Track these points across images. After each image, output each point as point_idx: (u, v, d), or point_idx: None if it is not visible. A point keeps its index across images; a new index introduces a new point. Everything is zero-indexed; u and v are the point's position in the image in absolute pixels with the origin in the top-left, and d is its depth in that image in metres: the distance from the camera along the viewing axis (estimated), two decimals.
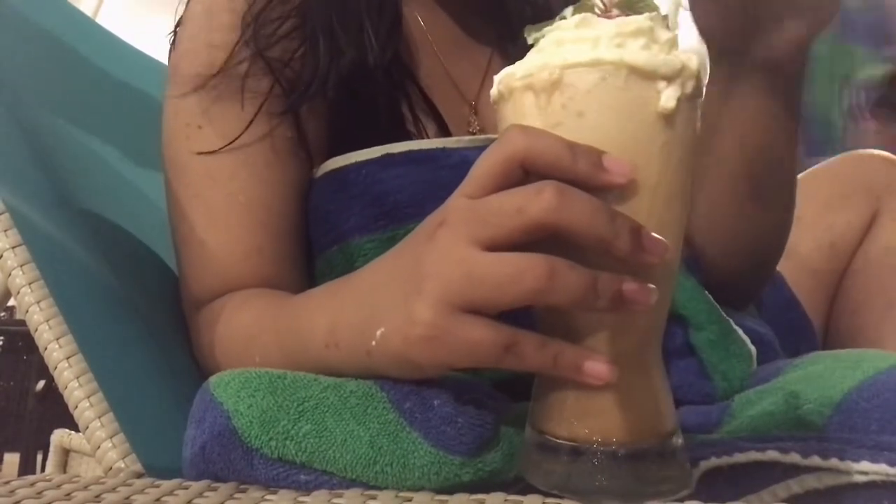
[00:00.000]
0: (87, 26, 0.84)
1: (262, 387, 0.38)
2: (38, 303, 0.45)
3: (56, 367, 0.44)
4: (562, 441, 0.34)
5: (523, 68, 0.34)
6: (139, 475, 0.42)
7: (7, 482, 0.35)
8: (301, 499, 0.34)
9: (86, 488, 0.35)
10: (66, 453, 0.91)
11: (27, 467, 2.28)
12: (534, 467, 0.35)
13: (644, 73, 0.32)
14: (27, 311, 0.45)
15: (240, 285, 0.55)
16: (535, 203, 0.31)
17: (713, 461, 0.38)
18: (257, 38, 0.56)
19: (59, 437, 0.91)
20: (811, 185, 0.81)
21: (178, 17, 0.60)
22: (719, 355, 0.52)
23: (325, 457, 0.36)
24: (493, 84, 0.36)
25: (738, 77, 0.53)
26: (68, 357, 0.44)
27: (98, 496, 0.34)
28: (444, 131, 0.60)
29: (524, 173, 0.33)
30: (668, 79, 0.32)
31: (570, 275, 0.31)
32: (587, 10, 0.34)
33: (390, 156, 0.54)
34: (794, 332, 0.67)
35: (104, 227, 0.62)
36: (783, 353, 0.58)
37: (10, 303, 0.50)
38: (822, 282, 0.80)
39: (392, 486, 0.36)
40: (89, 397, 0.44)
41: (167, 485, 0.36)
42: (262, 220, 0.56)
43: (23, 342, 2.63)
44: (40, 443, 2.21)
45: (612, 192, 0.33)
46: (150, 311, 0.57)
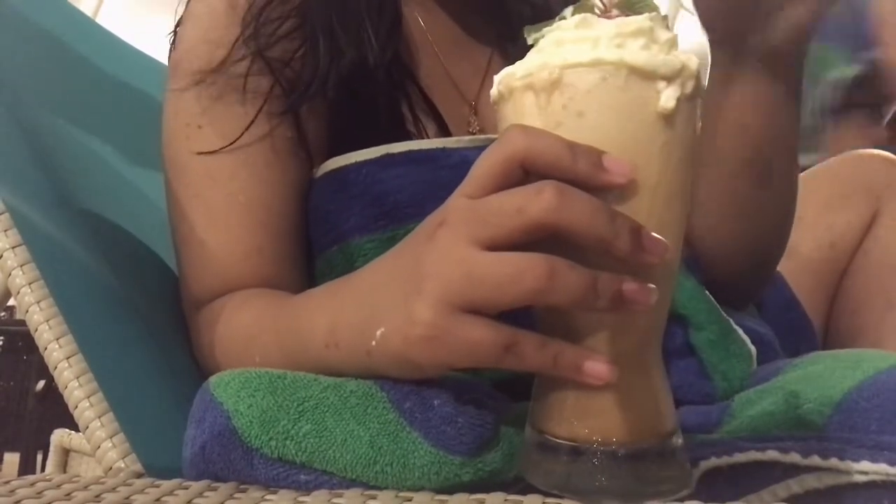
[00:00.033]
0: (87, 26, 0.84)
1: (262, 387, 0.38)
2: (38, 303, 0.45)
3: (56, 367, 0.44)
4: (562, 441, 0.34)
5: (523, 68, 0.34)
6: (139, 475, 0.42)
7: (7, 482, 0.35)
8: (301, 499, 0.34)
9: (86, 488, 0.35)
10: (66, 453, 0.91)
11: (27, 467, 2.28)
12: (534, 467, 0.35)
13: (644, 74, 0.32)
14: (27, 311, 0.45)
15: (240, 285, 0.55)
16: (535, 203, 0.31)
17: (713, 461, 0.38)
18: (257, 38, 0.56)
19: (59, 437, 0.91)
20: (811, 185, 0.81)
21: (178, 16, 0.60)
22: (719, 355, 0.52)
23: (325, 457, 0.36)
24: (493, 84, 0.36)
25: (739, 63, 0.53)
26: (68, 357, 0.44)
27: (98, 496, 0.34)
28: (444, 131, 0.60)
29: (524, 173, 0.33)
30: (667, 79, 0.32)
31: (570, 275, 0.31)
32: (587, 10, 0.34)
33: (390, 156, 0.54)
34: (794, 332, 0.67)
35: (104, 227, 0.62)
36: (783, 353, 0.58)
37: (10, 303, 0.50)
38: (822, 282, 0.80)
39: (392, 486, 0.36)
40: (89, 397, 0.44)
41: (167, 485, 0.36)
42: (262, 220, 0.56)
43: (23, 342, 2.63)
44: (40, 443, 2.21)
45: (612, 192, 0.33)
46: (150, 311, 0.57)
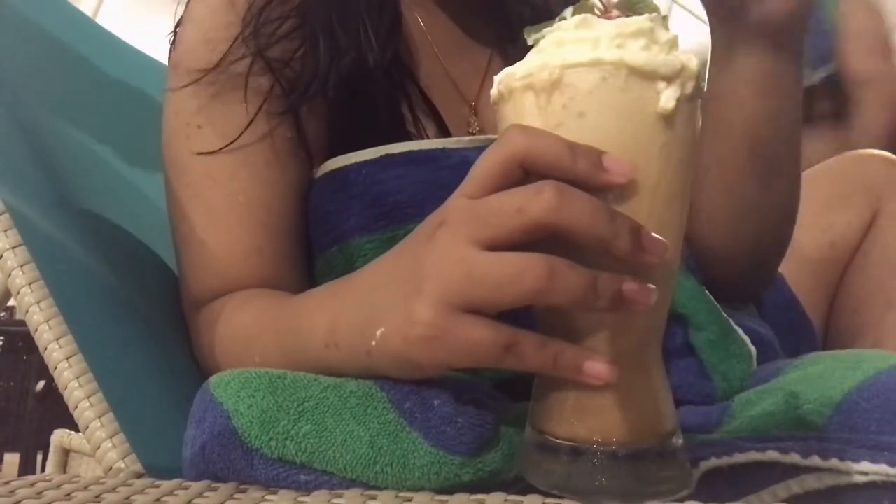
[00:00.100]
0: (87, 26, 0.84)
1: (262, 387, 0.38)
2: (38, 303, 0.45)
3: (56, 367, 0.44)
4: (562, 441, 0.34)
5: (523, 68, 0.34)
6: (139, 475, 0.42)
7: (7, 482, 0.35)
8: (301, 499, 0.34)
9: (86, 488, 0.35)
10: (66, 453, 0.91)
11: (27, 467, 2.28)
12: (534, 467, 0.35)
13: (644, 74, 0.32)
14: (27, 311, 0.45)
15: (240, 285, 0.55)
16: (535, 203, 0.31)
17: (713, 461, 0.38)
18: (257, 37, 0.56)
19: (59, 437, 0.91)
20: (811, 185, 0.81)
21: (178, 17, 0.60)
22: (719, 355, 0.52)
23: (325, 457, 0.36)
24: (492, 84, 0.36)
25: (737, 43, 0.53)
26: (68, 357, 0.44)
27: (98, 496, 0.34)
28: (444, 132, 0.60)
29: (524, 173, 0.33)
30: (667, 79, 0.32)
31: (570, 275, 0.31)
32: (587, 10, 0.34)
33: (390, 156, 0.54)
34: (794, 332, 0.67)
35: (104, 227, 0.62)
36: (783, 353, 0.58)
37: (10, 303, 0.50)
38: (822, 282, 0.80)
39: (392, 486, 0.36)
40: (89, 397, 0.44)
41: (167, 485, 0.36)
42: (262, 220, 0.56)
43: (23, 342, 2.63)
44: (40, 443, 2.21)
45: (612, 192, 0.33)
46: (150, 311, 0.57)
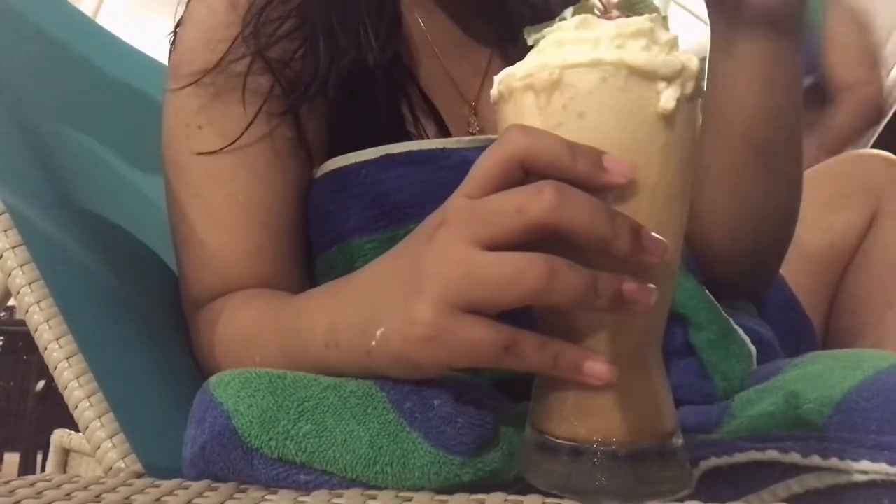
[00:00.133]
0: (87, 26, 0.84)
1: (262, 387, 0.38)
2: (38, 303, 0.45)
3: (56, 367, 0.44)
4: (562, 441, 0.34)
5: (523, 69, 0.34)
6: (139, 475, 0.42)
7: (7, 482, 0.35)
8: (301, 499, 0.34)
9: (86, 488, 0.35)
10: (66, 453, 0.91)
11: (27, 467, 2.28)
12: (534, 467, 0.35)
13: (644, 74, 0.32)
14: (27, 311, 0.45)
15: (240, 285, 0.55)
16: (535, 203, 0.31)
17: (713, 461, 0.38)
18: (257, 37, 0.56)
19: (59, 437, 0.91)
20: (811, 185, 0.81)
21: (178, 17, 0.60)
22: (719, 355, 0.52)
23: (325, 457, 0.36)
24: (493, 84, 0.36)
25: (736, 32, 0.53)
26: (68, 357, 0.44)
27: (98, 496, 0.34)
28: (444, 132, 0.60)
29: (524, 173, 0.33)
30: (668, 79, 0.32)
31: (570, 275, 0.31)
32: (587, 11, 0.35)
33: (390, 156, 0.54)
34: (794, 332, 0.67)
35: (104, 227, 0.62)
36: (783, 353, 0.58)
37: (10, 303, 0.50)
38: (822, 281, 0.80)
39: (392, 486, 0.36)
40: (89, 397, 0.44)
41: (167, 485, 0.36)
42: (262, 220, 0.56)
43: (23, 342, 2.63)
44: (40, 443, 2.21)
45: (612, 192, 0.33)
46: (150, 311, 0.57)
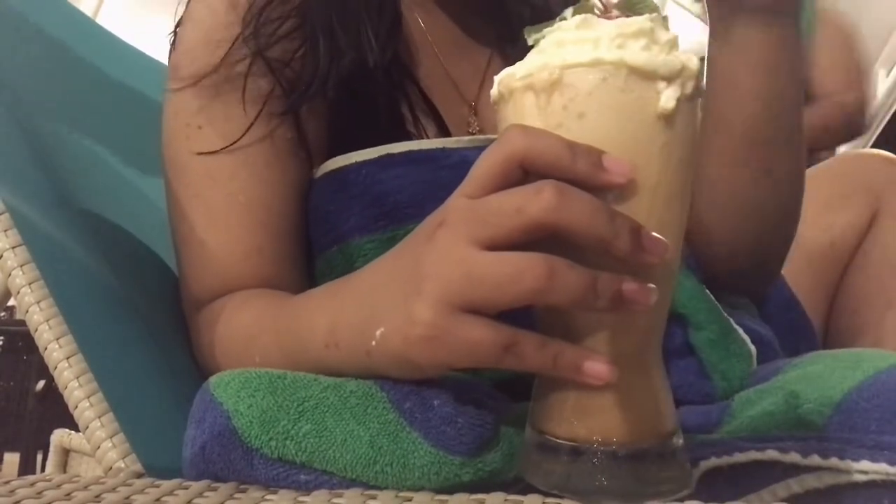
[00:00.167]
0: (87, 26, 0.84)
1: (262, 387, 0.38)
2: (38, 303, 0.45)
3: (56, 367, 0.44)
4: (562, 441, 0.34)
5: (524, 69, 0.34)
6: (139, 475, 0.42)
7: (7, 482, 0.35)
8: (301, 499, 0.34)
9: (86, 488, 0.35)
10: (66, 453, 0.91)
11: (27, 467, 2.28)
12: (534, 467, 0.35)
13: (644, 74, 0.32)
14: (27, 311, 0.45)
15: (240, 285, 0.55)
16: (535, 203, 0.31)
17: (713, 461, 0.38)
18: (257, 37, 0.56)
19: (59, 437, 0.91)
20: (811, 184, 0.81)
21: (178, 17, 0.60)
22: (719, 355, 0.52)
23: (325, 457, 0.36)
24: (492, 85, 0.36)
25: (734, 20, 0.53)
26: (68, 357, 0.44)
27: (98, 496, 0.34)
28: (444, 132, 0.60)
29: (524, 173, 0.33)
30: (667, 79, 0.32)
31: (569, 274, 0.31)
32: (587, 11, 0.34)
33: (390, 156, 0.54)
34: (794, 332, 0.67)
35: (104, 227, 0.62)
36: (783, 353, 0.58)
37: (10, 303, 0.50)
38: (822, 281, 0.80)
39: (392, 486, 0.36)
40: (89, 397, 0.44)
41: (167, 485, 0.36)
42: (262, 220, 0.56)
43: (23, 342, 2.64)
44: (40, 443, 2.21)
45: (611, 192, 0.33)
46: (150, 311, 0.57)
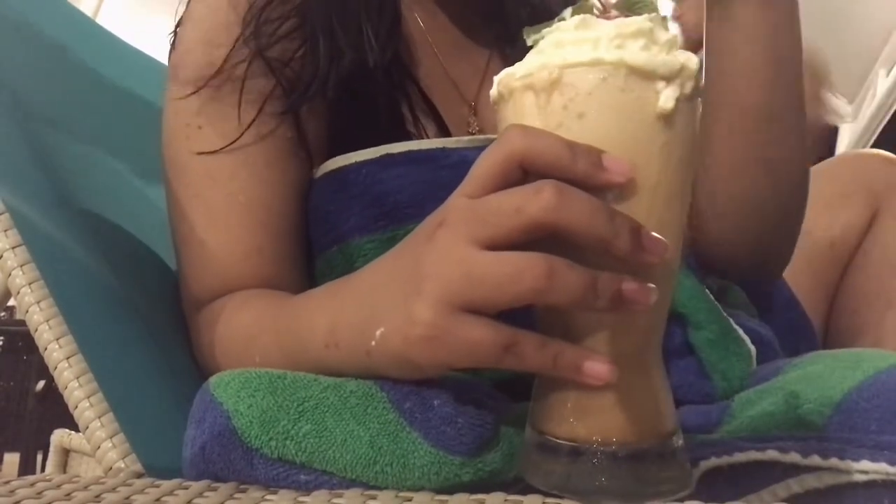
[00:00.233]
0: (87, 26, 0.84)
1: (262, 387, 0.38)
2: (38, 303, 0.45)
3: (56, 367, 0.44)
4: (562, 441, 0.34)
5: (523, 69, 0.34)
6: (139, 475, 0.42)
7: (7, 482, 0.35)
8: (301, 499, 0.34)
9: (86, 488, 0.35)
10: (66, 453, 0.91)
11: (27, 467, 2.29)
12: (534, 467, 0.35)
13: (644, 74, 0.32)
14: (27, 311, 0.45)
15: (240, 285, 0.55)
16: (535, 202, 0.31)
17: (713, 461, 0.38)
18: (258, 37, 0.56)
19: (59, 437, 0.91)
20: (811, 185, 0.81)
21: (178, 17, 0.60)
22: (719, 354, 0.52)
23: (325, 457, 0.36)
24: (492, 85, 0.36)
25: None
26: (68, 357, 0.44)
27: (98, 496, 0.34)
28: (444, 131, 0.60)
29: (523, 173, 0.33)
30: (667, 79, 0.32)
31: (569, 274, 0.31)
32: (586, 11, 0.35)
33: (390, 156, 0.54)
34: (794, 332, 0.67)
35: (104, 227, 0.62)
36: (783, 353, 0.58)
37: (10, 303, 0.50)
38: (822, 281, 0.80)
39: (392, 486, 0.36)
40: (89, 397, 0.44)
41: (167, 485, 0.36)
42: (262, 220, 0.56)
43: (23, 342, 2.64)
44: (40, 443, 2.21)
45: (611, 192, 0.33)
46: (150, 311, 0.57)
